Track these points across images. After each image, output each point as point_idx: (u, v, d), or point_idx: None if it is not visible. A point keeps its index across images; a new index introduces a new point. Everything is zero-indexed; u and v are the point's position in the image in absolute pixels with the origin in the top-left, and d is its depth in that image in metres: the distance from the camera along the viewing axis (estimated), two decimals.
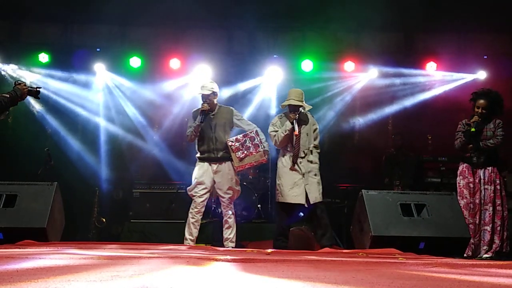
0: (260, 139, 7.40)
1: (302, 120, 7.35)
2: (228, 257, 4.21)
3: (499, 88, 9.59)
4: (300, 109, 7.29)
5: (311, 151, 7.32)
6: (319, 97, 11.18)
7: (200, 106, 7.42)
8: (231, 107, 7.64)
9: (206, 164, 7.27)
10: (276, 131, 7.42)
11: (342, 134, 11.51)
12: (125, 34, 11.41)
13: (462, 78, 11.33)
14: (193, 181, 7.31)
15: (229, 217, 7.38)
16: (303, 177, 7.20)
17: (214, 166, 7.27)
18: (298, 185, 7.21)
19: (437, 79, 11.49)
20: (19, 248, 5.15)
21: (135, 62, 11.03)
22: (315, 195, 7.16)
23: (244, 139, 7.30)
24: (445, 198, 6.77)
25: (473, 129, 6.84)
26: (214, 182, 7.30)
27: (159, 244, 7.20)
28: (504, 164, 9.80)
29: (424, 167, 10.39)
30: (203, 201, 7.29)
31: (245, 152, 7.25)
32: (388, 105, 11.58)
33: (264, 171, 10.36)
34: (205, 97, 7.34)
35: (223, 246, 7.42)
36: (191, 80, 11.19)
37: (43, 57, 10.95)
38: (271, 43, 11.47)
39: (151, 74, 11.22)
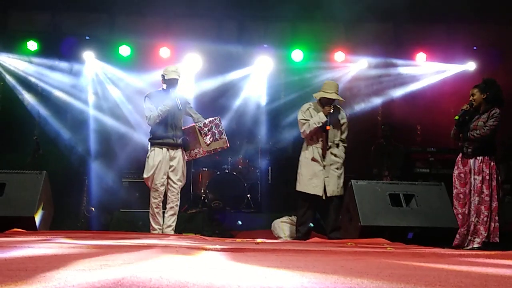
0: (222, 126, 7.38)
1: (333, 114, 7.34)
2: (218, 246, 4.21)
3: None
4: (340, 103, 7.37)
5: (337, 144, 7.35)
6: (309, 87, 11.17)
7: (158, 89, 7.40)
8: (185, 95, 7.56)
9: (164, 149, 7.15)
10: (307, 119, 7.33)
11: None
12: (114, 22, 11.34)
13: (451, 69, 11.37)
14: (151, 170, 7.11)
15: (176, 205, 7.31)
16: (324, 169, 7.24)
17: (172, 152, 7.18)
18: (318, 176, 7.26)
19: (426, 70, 11.52)
20: (8, 237, 5.13)
21: (124, 50, 10.99)
22: (333, 189, 7.22)
23: (210, 125, 7.28)
24: (434, 189, 6.80)
25: (456, 117, 6.81)
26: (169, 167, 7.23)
27: (148, 233, 7.20)
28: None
29: (413, 158, 10.42)
30: (164, 189, 7.24)
31: (212, 138, 7.23)
32: (378, 96, 11.61)
33: (254, 161, 10.38)
34: (175, 82, 7.30)
35: (213, 235, 7.43)
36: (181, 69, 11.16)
37: (32, 45, 10.88)
38: (261, 32, 11.45)
39: (140, 62, 11.16)
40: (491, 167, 6.70)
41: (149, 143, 7.30)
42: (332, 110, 7.24)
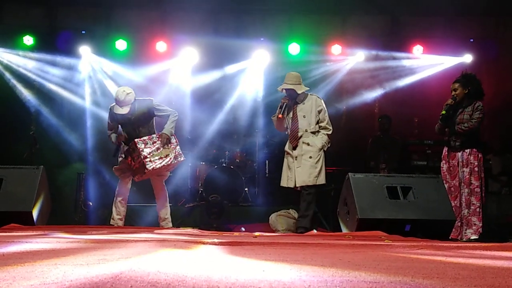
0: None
1: (298, 103, 7.27)
2: (215, 240, 4.22)
3: (485, 71, 9.66)
4: (298, 91, 7.21)
5: (314, 132, 7.24)
6: (306, 80, 11.15)
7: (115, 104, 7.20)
8: (149, 99, 7.35)
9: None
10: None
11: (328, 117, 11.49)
12: (110, 16, 11.31)
13: (448, 61, 11.37)
14: (121, 161, 7.33)
15: (163, 198, 7.43)
16: (295, 160, 7.16)
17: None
18: (290, 168, 7.22)
19: (423, 62, 11.52)
20: (5, 232, 5.12)
21: (121, 45, 10.97)
22: (303, 179, 7.11)
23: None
24: (431, 181, 6.80)
25: (443, 112, 6.85)
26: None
27: (146, 227, 7.20)
28: (489, 147, 9.90)
29: (410, 150, 10.43)
30: (129, 179, 7.29)
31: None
32: (375, 88, 11.60)
33: (251, 154, 10.37)
34: (120, 104, 7.15)
35: (210, 229, 7.43)
36: (178, 63, 11.17)
37: (28, 40, 10.85)
38: (258, 26, 11.43)
39: (137, 57, 11.15)
40: (479, 159, 6.77)
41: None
42: (287, 100, 7.18)
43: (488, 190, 9.50)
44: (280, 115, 7.14)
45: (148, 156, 6.94)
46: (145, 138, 7.07)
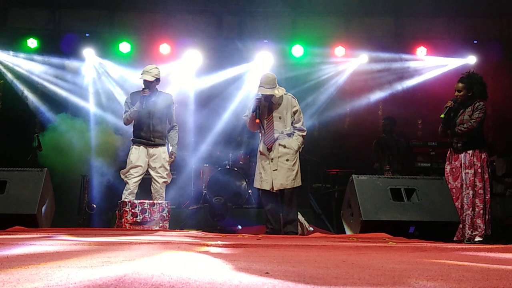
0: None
1: (274, 104, 7.09)
2: (219, 242, 4.21)
3: (489, 73, 9.64)
4: (277, 96, 7.03)
5: (289, 134, 7.06)
6: (310, 82, 11.21)
7: (140, 89, 7.36)
8: (170, 94, 7.55)
9: (141, 147, 7.32)
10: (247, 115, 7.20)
11: (332, 119, 11.53)
12: (114, 19, 11.36)
13: (452, 63, 11.37)
14: (128, 164, 7.34)
15: (161, 201, 7.41)
16: (271, 162, 7.01)
17: (150, 150, 7.33)
18: (265, 170, 7.06)
19: (427, 64, 11.52)
20: (9, 235, 5.13)
21: (124, 47, 11.00)
22: (281, 182, 6.94)
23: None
24: (435, 183, 6.79)
25: (442, 116, 6.81)
26: (149, 165, 7.36)
27: (150, 229, 7.19)
28: (494, 148, 9.88)
29: (413, 152, 10.42)
30: (136, 182, 7.32)
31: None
32: (378, 90, 11.61)
33: (255, 156, 10.35)
34: (147, 84, 7.28)
35: (214, 231, 7.44)
36: (181, 65, 11.19)
37: (32, 43, 10.90)
38: (261, 28, 11.45)
39: (141, 59, 11.16)
40: (482, 160, 6.72)
41: (132, 141, 7.48)
42: (262, 103, 7.02)
43: (493, 191, 9.48)
44: (257, 120, 6.98)
45: (128, 222, 6.99)
46: (135, 202, 7.06)
